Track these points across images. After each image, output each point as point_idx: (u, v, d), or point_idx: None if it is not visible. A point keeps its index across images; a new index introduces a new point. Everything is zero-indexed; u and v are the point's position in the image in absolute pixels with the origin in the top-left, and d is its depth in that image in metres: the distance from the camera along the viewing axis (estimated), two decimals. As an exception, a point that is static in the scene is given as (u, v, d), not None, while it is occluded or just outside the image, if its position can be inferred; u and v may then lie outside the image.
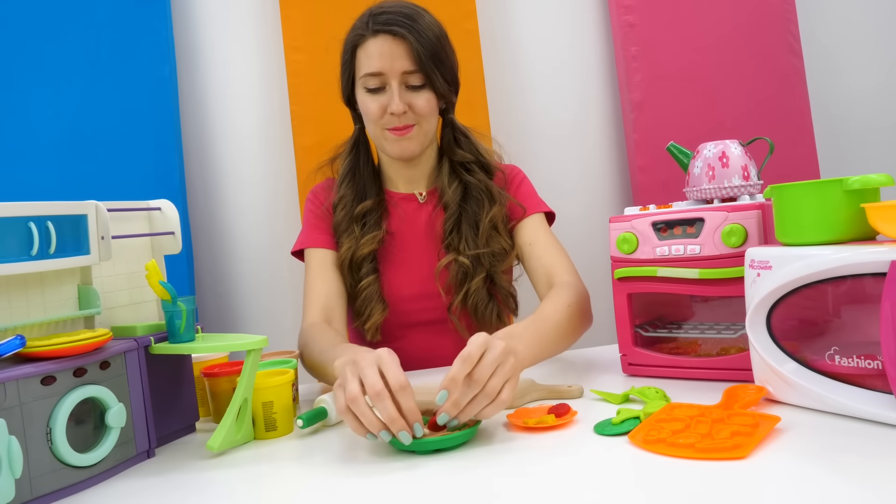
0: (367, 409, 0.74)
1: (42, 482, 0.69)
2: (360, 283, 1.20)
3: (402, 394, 0.74)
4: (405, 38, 1.13)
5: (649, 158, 1.72)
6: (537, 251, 1.22)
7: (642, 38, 1.74)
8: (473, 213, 1.23)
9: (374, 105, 1.17)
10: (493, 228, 1.22)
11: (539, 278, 1.21)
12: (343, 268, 1.21)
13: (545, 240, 1.23)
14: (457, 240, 1.22)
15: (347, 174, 1.26)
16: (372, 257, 1.22)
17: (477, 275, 1.20)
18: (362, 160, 1.27)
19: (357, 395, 0.74)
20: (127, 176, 1.57)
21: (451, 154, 1.27)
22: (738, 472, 0.63)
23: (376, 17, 1.15)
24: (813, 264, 0.75)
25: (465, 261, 1.20)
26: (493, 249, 1.22)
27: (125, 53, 1.58)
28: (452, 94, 1.23)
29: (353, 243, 1.21)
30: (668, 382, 0.95)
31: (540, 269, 1.20)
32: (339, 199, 1.25)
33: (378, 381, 0.74)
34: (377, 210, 1.24)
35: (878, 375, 0.72)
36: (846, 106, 1.87)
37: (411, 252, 1.25)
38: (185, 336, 0.86)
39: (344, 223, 1.23)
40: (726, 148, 1.00)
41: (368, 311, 1.20)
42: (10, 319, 0.75)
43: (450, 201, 1.24)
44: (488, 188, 1.24)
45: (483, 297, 1.21)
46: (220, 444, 0.82)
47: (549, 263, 1.19)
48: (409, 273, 1.23)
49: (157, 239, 0.95)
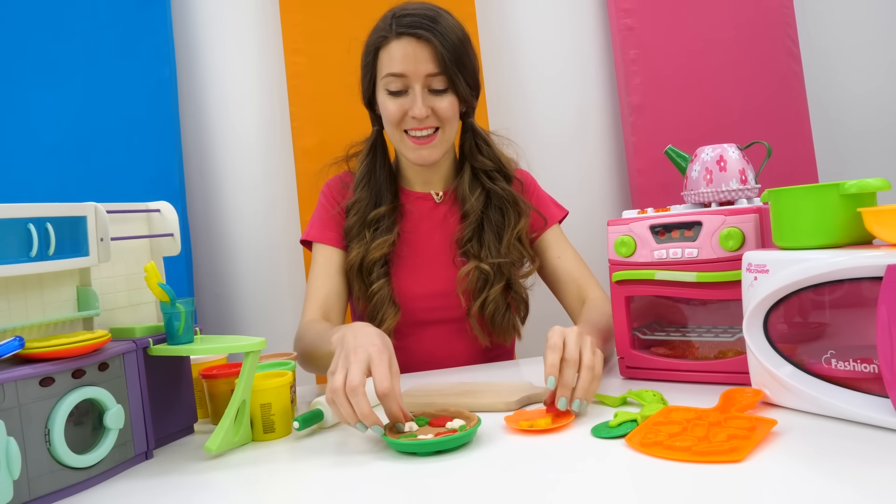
0: (345, 402, 0.78)
1: (40, 483, 0.70)
2: (371, 286, 1.20)
3: (385, 399, 0.78)
4: (429, 41, 1.12)
5: (648, 161, 1.72)
6: (566, 265, 1.26)
7: (641, 42, 1.74)
8: (497, 222, 1.24)
9: (394, 107, 1.16)
10: (517, 240, 1.24)
11: (570, 291, 1.24)
12: (352, 272, 1.21)
13: (571, 253, 1.28)
14: (477, 247, 1.22)
15: (363, 178, 1.26)
16: (383, 261, 1.22)
17: (497, 283, 1.21)
18: (379, 163, 1.27)
19: (338, 388, 0.78)
20: (126, 177, 1.57)
21: (473, 160, 1.26)
22: (734, 476, 0.63)
23: (400, 19, 1.14)
24: (810, 268, 0.75)
25: (486, 268, 1.20)
26: (514, 259, 1.23)
27: (125, 55, 1.58)
28: (474, 97, 1.23)
29: (363, 248, 1.20)
30: (665, 385, 0.95)
31: (571, 283, 1.25)
32: (353, 203, 1.24)
33: (356, 377, 0.77)
34: (391, 215, 1.24)
35: (874, 379, 0.72)
36: (845, 110, 1.87)
37: (425, 252, 1.25)
38: (183, 338, 0.86)
39: (356, 228, 1.23)
40: (724, 152, 1.01)
41: (381, 315, 1.19)
42: (9, 321, 0.75)
43: (472, 209, 1.24)
44: (514, 199, 1.25)
45: (501, 305, 1.22)
46: (218, 445, 0.82)
47: (580, 277, 1.25)
48: (422, 272, 1.24)
49: (156, 240, 0.95)
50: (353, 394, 0.77)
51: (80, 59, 1.56)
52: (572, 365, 0.83)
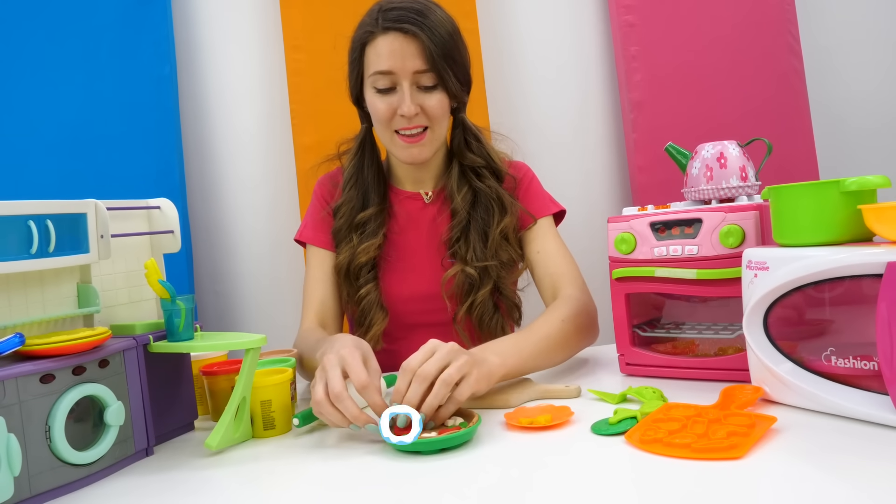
0: (332, 410, 0.79)
1: (41, 480, 0.70)
2: (360, 291, 1.18)
3: (365, 392, 0.79)
4: (417, 36, 1.08)
5: (649, 158, 1.72)
6: (545, 259, 1.20)
7: (642, 38, 1.74)
8: (482, 222, 1.19)
9: (383, 106, 1.13)
10: (503, 239, 1.19)
11: (546, 288, 1.19)
12: (340, 275, 1.20)
13: (553, 248, 1.21)
14: (464, 248, 1.19)
15: (351, 178, 1.23)
16: (371, 265, 1.20)
17: (484, 286, 1.17)
18: (367, 162, 1.24)
19: (321, 399, 0.79)
20: (127, 174, 1.57)
21: (462, 158, 1.22)
22: (734, 473, 0.63)
23: (386, 14, 1.10)
24: (810, 265, 0.75)
25: (472, 272, 1.16)
26: (502, 260, 1.19)
27: (125, 52, 1.58)
28: (465, 93, 1.19)
29: (350, 252, 1.19)
30: (665, 382, 0.95)
31: (546, 278, 1.19)
32: (340, 205, 1.22)
33: (337, 384, 0.79)
34: (378, 217, 1.21)
35: (874, 376, 0.72)
36: (845, 106, 1.87)
37: (414, 253, 1.23)
38: (183, 335, 0.86)
39: (343, 231, 1.21)
40: (724, 149, 1.00)
41: (369, 320, 1.18)
42: (10, 317, 0.75)
43: (458, 208, 1.20)
44: (499, 196, 1.21)
45: (489, 308, 1.18)
46: (218, 442, 0.82)
47: (556, 273, 1.18)
48: (411, 274, 1.22)
49: (157, 237, 0.96)
50: (338, 400, 0.78)
51: (81, 56, 1.56)
52: (421, 380, 0.79)
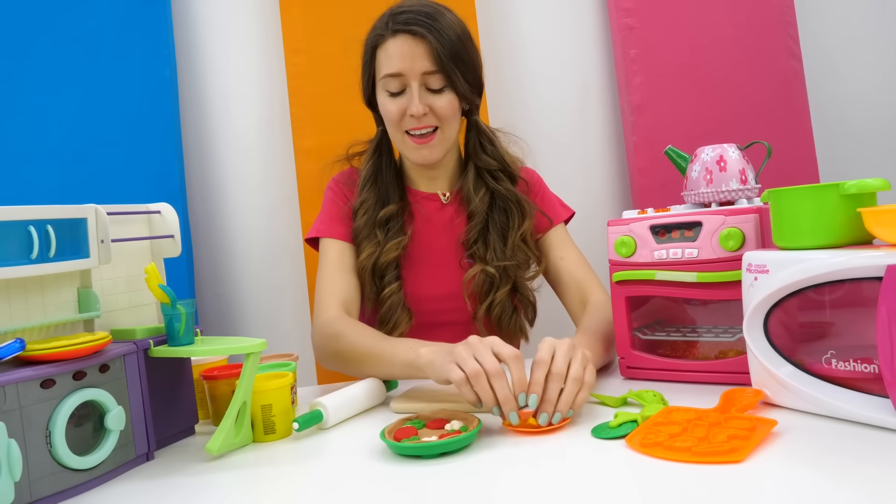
0: (488, 385, 0.80)
1: (41, 485, 0.70)
2: (384, 290, 1.18)
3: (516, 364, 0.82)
4: (425, 38, 1.11)
5: (649, 161, 1.72)
6: (569, 266, 1.24)
7: (642, 41, 1.74)
8: (501, 223, 1.22)
9: (393, 107, 1.15)
10: (522, 241, 1.22)
11: (572, 292, 1.22)
12: (364, 274, 1.19)
13: (575, 254, 1.26)
14: (483, 249, 1.21)
15: (370, 178, 1.24)
16: (396, 264, 1.20)
17: (503, 286, 1.20)
18: (384, 163, 1.25)
19: (480, 372, 0.81)
20: (127, 178, 1.57)
21: (477, 160, 1.25)
22: (734, 476, 0.63)
23: (396, 17, 1.13)
24: (810, 268, 0.75)
25: (492, 271, 1.19)
26: (520, 261, 1.22)
27: (125, 55, 1.58)
28: (475, 95, 1.21)
29: (376, 249, 1.19)
30: (665, 386, 0.95)
31: (573, 284, 1.22)
32: (360, 203, 1.23)
33: (494, 363, 0.81)
34: (400, 215, 1.23)
35: (874, 379, 0.72)
36: (846, 108, 1.87)
37: (433, 253, 1.24)
38: (184, 339, 0.86)
39: (366, 229, 1.21)
40: (724, 152, 1.01)
41: (394, 320, 1.18)
42: (10, 323, 0.75)
43: (477, 209, 1.22)
44: (518, 200, 1.24)
45: (508, 308, 1.21)
46: (219, 446, 0.82)
47: (582, 279, 1.22)
48: (430, 274, 1.23)
49: (157, 242, 0.96)
50: (496, 377, 0.80)
51: (81, 59, 1.56)
52: (557, 379, 0.81)
